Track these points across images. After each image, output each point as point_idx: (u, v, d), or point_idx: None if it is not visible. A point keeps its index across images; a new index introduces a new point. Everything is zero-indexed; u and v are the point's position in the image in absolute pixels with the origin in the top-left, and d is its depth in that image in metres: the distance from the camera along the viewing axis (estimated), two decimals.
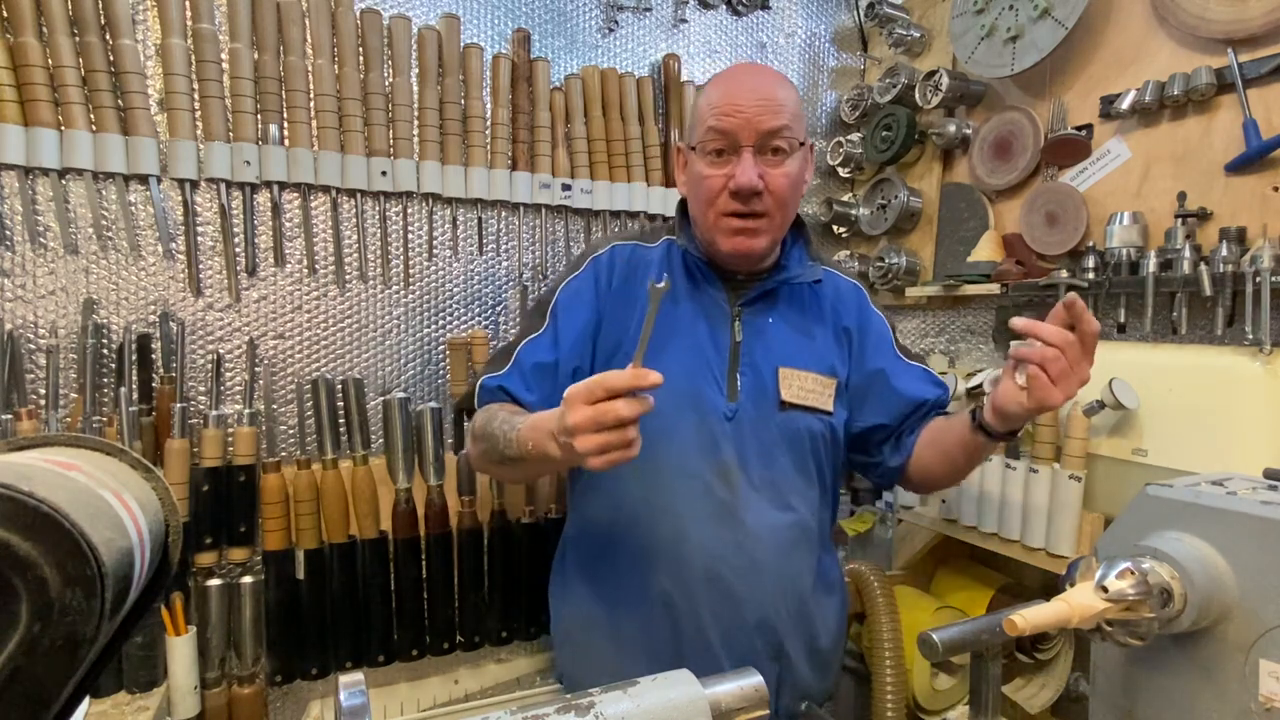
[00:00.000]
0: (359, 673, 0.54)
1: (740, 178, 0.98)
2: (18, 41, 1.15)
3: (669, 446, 1.02)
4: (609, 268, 1.11)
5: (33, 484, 0.36)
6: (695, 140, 1.03)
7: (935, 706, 1.47)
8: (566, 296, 1.10)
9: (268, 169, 1.32)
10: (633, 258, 1.13)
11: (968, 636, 0.77)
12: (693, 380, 1.04)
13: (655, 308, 0.75)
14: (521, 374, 1.06)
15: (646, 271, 1.11)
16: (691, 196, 1.08)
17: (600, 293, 1.10)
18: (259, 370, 1.36)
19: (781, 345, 1.09)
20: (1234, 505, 0.66)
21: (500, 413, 1.00)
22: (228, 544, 1.29)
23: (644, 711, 0.54)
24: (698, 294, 1.10)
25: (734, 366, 1.06)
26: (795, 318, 1.12)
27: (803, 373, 1.08)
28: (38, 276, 1.22)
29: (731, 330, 1.07)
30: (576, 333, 1.07)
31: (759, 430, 1.05)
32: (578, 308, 1.08)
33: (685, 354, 1.06)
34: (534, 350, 1.07)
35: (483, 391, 1.07)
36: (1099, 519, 1.24)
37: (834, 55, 1.99)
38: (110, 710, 1.16)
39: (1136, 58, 1.34)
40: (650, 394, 0.94)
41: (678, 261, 1.12)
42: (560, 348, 1.06)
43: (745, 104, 0.98)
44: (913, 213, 1.77)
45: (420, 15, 1.46)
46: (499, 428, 0.96)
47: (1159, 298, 1.24)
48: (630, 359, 0.78)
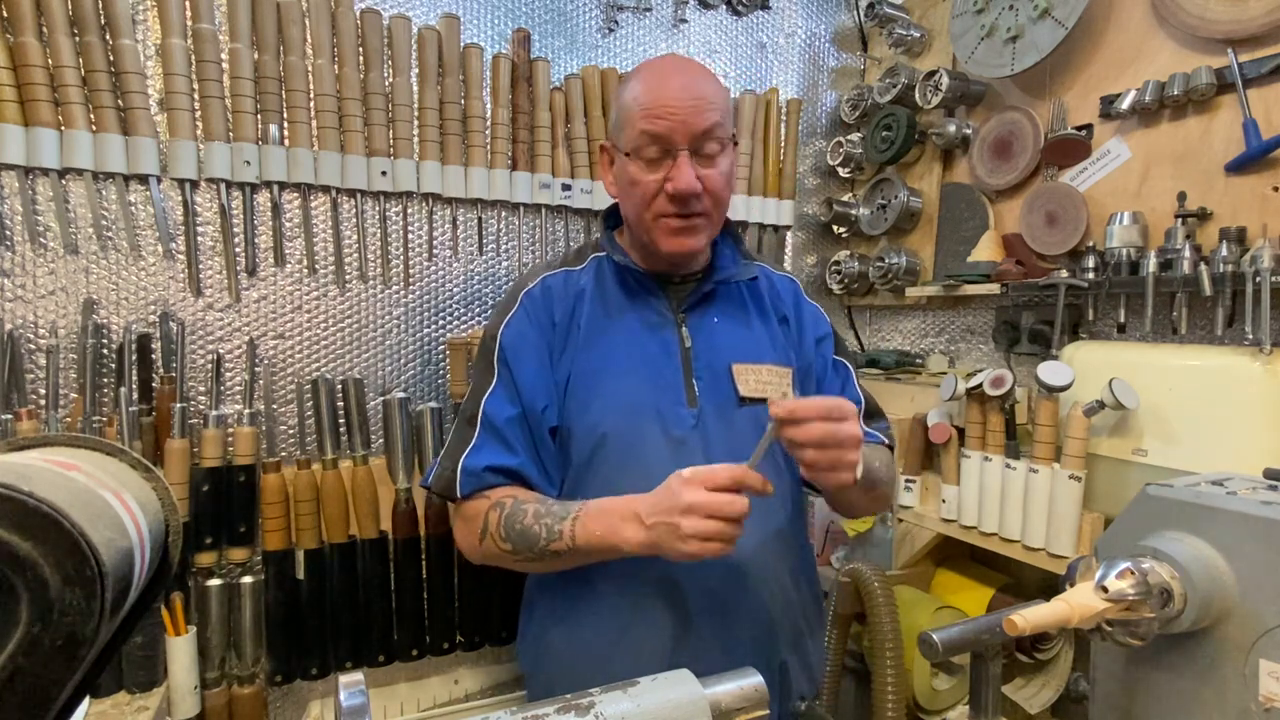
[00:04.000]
0: (359, 673, 0.54)
1: (679, 182, 0.95)
2: (18, 41, 1.15)
3: (639, 466, 0.97)
4: (544, 302, 1.06)
5: (33, 484, 0.36)
6: (626, 144, 0.98)
7: (935, 706, 1.47)
8: (511, 338, 1.04)
9: (268, 169, 1.32)
10: (565, 286, 1.08)
11: (968, 636, 0.77)
12: (653, 394, 1.01)
13: (773, 436, 0.81)
14: (499, 438, 0.99)
15: (581, 299, 1.06)
16: (624, 199, 1.04)
17: (543, 328, 1.04)
18: (259, 370, 1.36)
19: (730, 343, 1.07)
20: (1234, 505, 0.66)
21: (525, 507, 0.93)
22: (228, 544, 1.29)
23: (644, 711, 0.54)
24: (638, 305, 1.06)
25: (688, 372, 1.03)
26: (738, 314, 1.10)
27: (756, 366, 1.06)
28: (38, 276, 1.22)
29: (679, 336, 1.05)
30: (533, 372, 1.02)
31: (723, 432, 1.02)
32: (525, 348, 1.03)
33: (640, 368, 1.02)
34: (497, 406, 1.00)
35: (466, 477, 0.98)
36: (1099, 519, 1.23)
37: (834, 55, 1.99)
38: (110, 710, 1.16)
39: (1136, 58, 1.34)
40: (615, 412, 0.95)
41: (610, 277, 1.08)
42: (522, 394, 1.01)
43: (677, 104, 0.94)
44: (913, 213, 1.77)
45: (420, 15, 1.46)
46: (535, 526, 0.91)
47: (1159, 298, 1.24)
48: (587, 389, 0.82)
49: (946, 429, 1.45)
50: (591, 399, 1.01)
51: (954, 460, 1.45)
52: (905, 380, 1.67)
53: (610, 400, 1.00)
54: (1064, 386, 1.23)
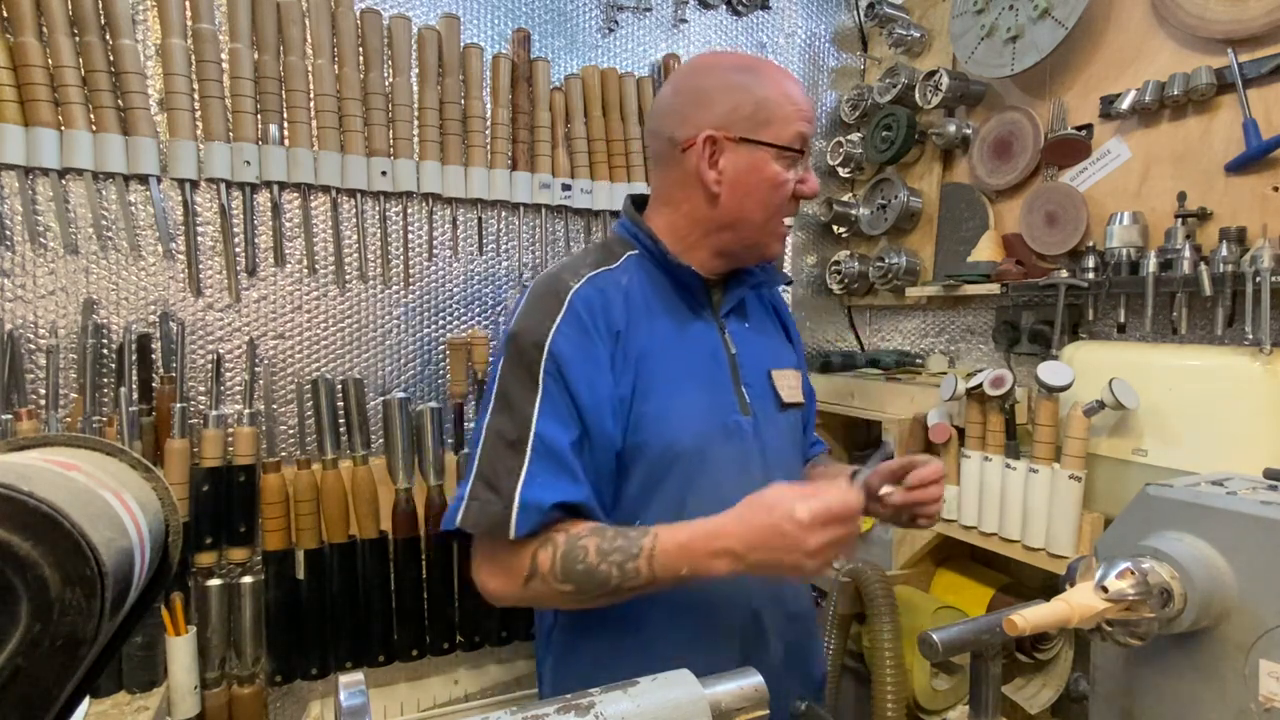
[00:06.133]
0: (359, 673, 0.54)
1: (814, 184, 0.98)
2: (18, 41, 1.15)
3: (709, 479, 0.94)
4: (601, 305, 0.93)
5: (33, 484, 0.36)
6: (780, 139, 0.95)
7: (935, 706, 1.47)
8: (564, 348, 0.88)
9: (268, 169, 1.32)
10: (614, 288, 0.97)
11: (968, 636, 0.77)
12: (718, 405, 0.98)
13: (877, 468, 0.91)
14: (562, 466, 0.86)
15: (631, 303, 0.96)
16: (748, 196, 0.96)
17: (601, 336, 0.92)
18: (259, 370, 1.36)
19: (763, 349, 1.08)
20: (1234, 505, 0.66)
21: (583, 543, 0.83)
22: (228, 544, 1.29)
23: (644, 711, 0.53)
24: (686, 311, 1.01)
25: (737, 380, 1.02)
26: (760, 320, 1.12)
27: (785, 371, 1.08)
28: (38, 276, 1.22)
29: (724, 342, 1.03)
30: (598, 389, 0.90)
31: (775, 439, 1.03)
32: (584, 361, 0.89)
33: (702, 378, 0.98)
34: (553, 427, 0.86)
35: (526, 513, 0.83)
36: (1099, 519, 1.23)
37: (834, 55, 1.99)
38: (110, 710, 1.16)
39: (1136, 58, 1.34)
40: (690, 427, 0.95)
41: (650, 279, 1.00)
42: (585, 414, 0.88)
43: (808, 109, 0.96)
44: (913, 213, 1.77)
45: (420, 15, 1.46)
46: (602, 565, 0.82)
47: (1159, 298, 1.23)
48: (659, 404, 0.90)
49: (946, 429, 1.45)
50: (666, 414, 0.94)
51: (954, 460, 1.45)
52: (905, 380, 1.66)
53: (685, 415, 0.95)
54: (1064, 386, 1.23)
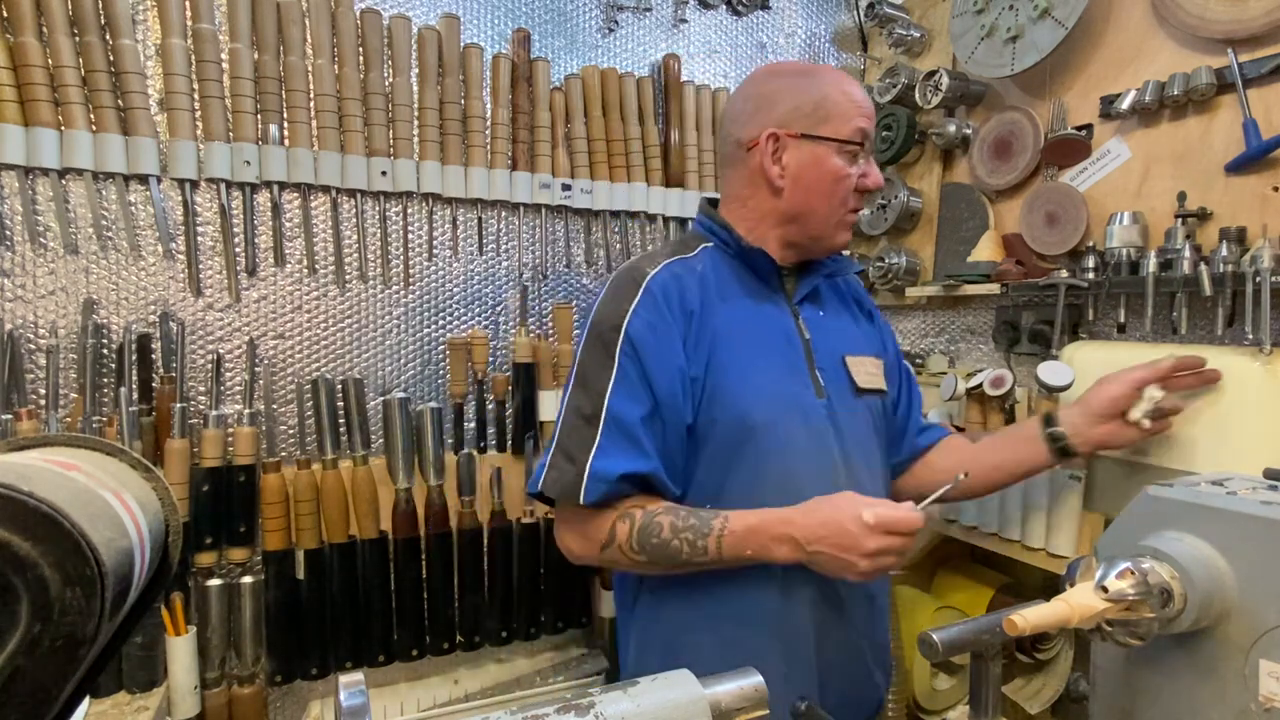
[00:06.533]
0: (359, 673, 0.54)
1: (876, 178, 1.04)
2: (18, 41, 1.15)
3: (782, 458, 0.98)
4: (676, 289, 1.00)
5: (33, 484, 0.36)
6: (839, 134, 1.02)
7: (935, 706, 1.47)
8: (640, 329, 0.96)
9: (268, 169, 1.32)
10: (690, 274, 1.04)
11: (968, 636, 0.77)
12: (792, 385, 1.02)
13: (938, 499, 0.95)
14: (630, 439, 0.93)
15: (707, 288, 1.03)
16: (811, 190, 1.03)
17: (675, 317, 0.99)
18: (259, 370, 1.36)
19: (838, 335, 1.11)
20: (1234, 505, 0.66)
21: (659, 519, 0.91)
22: (228, 544, 1.29)
23: (644, 711, 0.53)
24: (761, 296, 1.07)
25: (811, 364, 1.05)
26: (835, 307, 1.15)
27: (863, 358, 1.11)
28: (38, 276, 1.22)
29: (798, 327, 1.07)
30: (670, 365, 0.96)
31: (849, 422, 1.05)
32: (658, 340, 0.96)
33: (776, 359, 1.03)
34: (625, 403, 0.94)
35: (595, 483, 0.91)
36: (1099, 519, 1.23)
37: (834, 55, 1.99)
38: (110, 710, 1.16)
39: (1136, 58, 1.34)
40: (763, 403, 0.98)
41: (727, 267, 1.07)
42: (657, 389, 0.95)
43: (868, 106, 1.03)
44: (913, 213, 1.77)
45: (420, 15, 1.46)
46: (675, 541, 0.90)
47: (1159, 298, 1.23)
48: (733, 380, 0.95)
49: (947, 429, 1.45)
50: (741, 390, 0.99)
51: None
52: None
53: (758, 391, 0.99)
54: (1064, 386, 1.23)
